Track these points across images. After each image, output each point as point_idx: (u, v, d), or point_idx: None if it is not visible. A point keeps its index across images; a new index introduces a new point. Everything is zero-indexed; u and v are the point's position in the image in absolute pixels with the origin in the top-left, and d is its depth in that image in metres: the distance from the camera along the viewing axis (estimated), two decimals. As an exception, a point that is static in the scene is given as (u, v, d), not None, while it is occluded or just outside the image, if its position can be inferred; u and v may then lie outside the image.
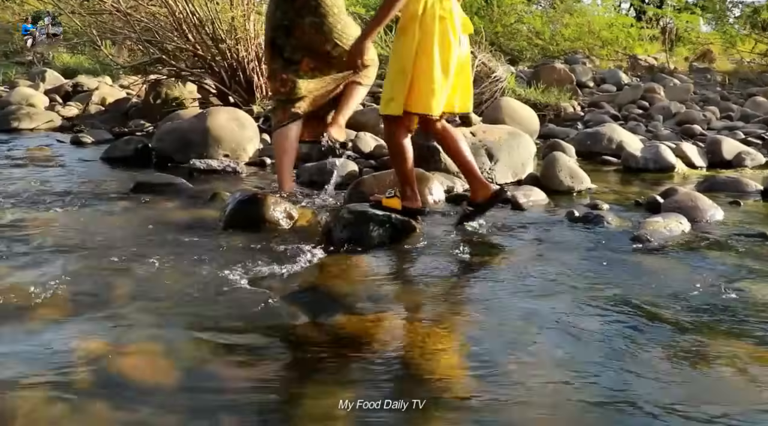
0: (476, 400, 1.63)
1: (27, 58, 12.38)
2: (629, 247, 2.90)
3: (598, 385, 1.70)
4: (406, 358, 1.88)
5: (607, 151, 5.24)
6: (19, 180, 4.17)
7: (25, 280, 2.35)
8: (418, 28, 2.80)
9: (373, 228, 2.85)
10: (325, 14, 3.49)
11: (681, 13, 12.15)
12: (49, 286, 2.29)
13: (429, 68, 2.80)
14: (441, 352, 1.93)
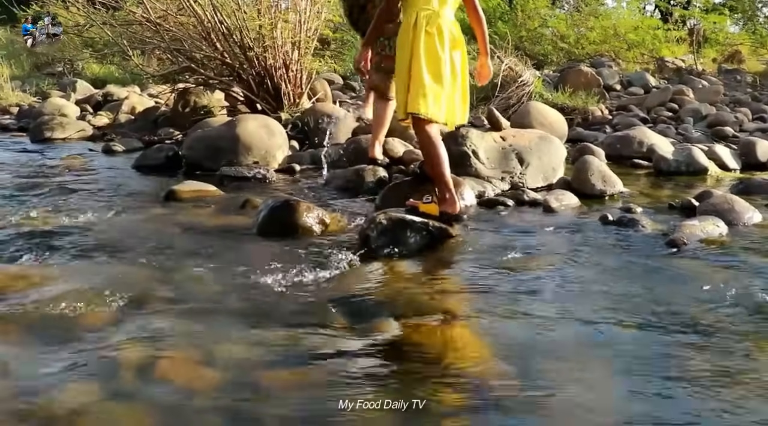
0: (515, 404, 1.62)
1: (57, 70, 12.59)
2: (665, 250, 2.88)
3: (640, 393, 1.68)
4: (445, 364, 1.88)
5: (638, 154, 5.19)
6: (56, 189, 4.23)
7: (67, 287, 2.39)
8: (410, 40, 2.97)
9: (410, 234, 2.85)
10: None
11: (709, 14, 12.01)
12: (91, 292, 2.32)
13: (419, 75, 2.94)
14: (480, 359, 1.93)
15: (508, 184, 4.02)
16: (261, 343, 1.98)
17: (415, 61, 2.95)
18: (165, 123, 7.01)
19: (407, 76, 2.98)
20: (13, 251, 2.85)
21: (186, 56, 6.57)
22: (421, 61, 2.94)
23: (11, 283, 2.40)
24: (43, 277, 2.51)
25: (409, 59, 2.97)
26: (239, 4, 6.11)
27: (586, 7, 13.38)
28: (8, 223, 3.35)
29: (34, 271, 2.56)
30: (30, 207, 3.63)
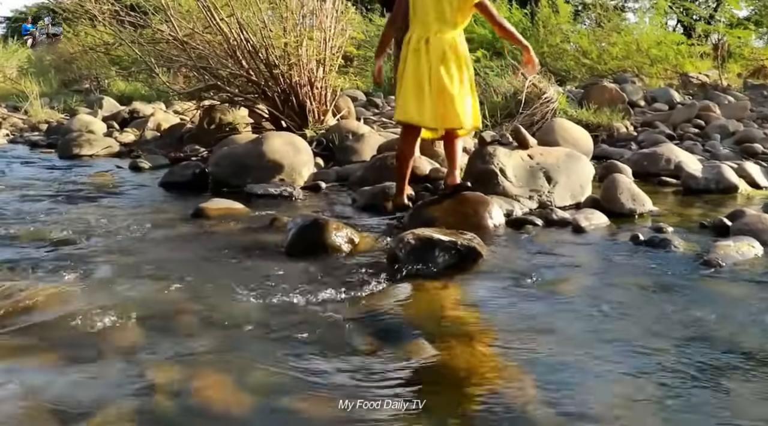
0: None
1: (84, 86, 12.77)
2: (700, 272, 2.83)
3: (679, 418, 1.65)
4: (480, 387, 1.86)
5: (665, 171, 5.13)
6: (86, 206, 4.27)
7: (99, 306, 2.40)
8: (403, 56, 3.51)
9: (439, 254, 2.84)
10: None
11: (734, 28, 11.90)
12: (123, 311, 2.33)
13: (401, 87, 3.50)
14: (514, 382, 1.90)
15: (536, 202, 4.00)
16: (294, 365, 1.97)
17: (401, 75, 3.51)
18: (190, 140, 7.08)
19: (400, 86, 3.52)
20: (45, 269, 2.88)
21: (212, 74, 6.63)
22: (405, 74, 3.46)
23: (44, 301, 2.42)
24: (75, 295, 2.53)
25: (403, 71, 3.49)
26: (265, 22, 6.17)
27: (608, 23, 13.33)
28: (39, 240, 3.39)
29: (66, 288, 2.57)
30: (60, 225, 3.67)
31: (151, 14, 6.75)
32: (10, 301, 2.36)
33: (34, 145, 7.89)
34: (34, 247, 3.27)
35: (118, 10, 6.42)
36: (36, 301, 2.40)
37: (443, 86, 3.38)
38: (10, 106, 11.24)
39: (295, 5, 6.33)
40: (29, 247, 3.26)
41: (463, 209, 3.50)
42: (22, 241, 3.38)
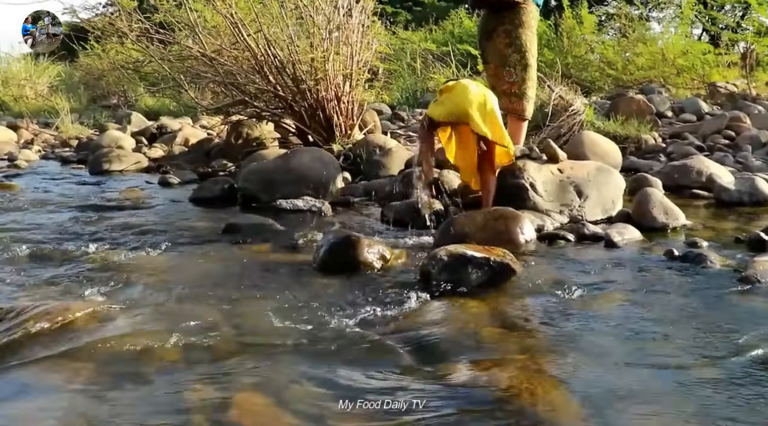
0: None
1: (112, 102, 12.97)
2: (737, 288, 2.79)
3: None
4: (518, 408, 1.84)
5: (697, 184, 5.08)
6: (117, 223, 4.32)
7: (133, 324, 2.43)
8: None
9: (472, 270, 2.82)
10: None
11: (762, 37, 11.74)
12: (157, 329, 2.35)
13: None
14: (553, 402, 1.88)
15: (567, 217, 3.97)
16: (331, 385, 1.97)
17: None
18: (218, 154, 7.15)
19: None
20: (79, 287, 2.91)
21: (239, 89, 6.70)
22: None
23: (80, 321, 2.44)
24: (108, 313, 2.55)
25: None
26: (292, 38, 6.22)
27: (633, 33, 13.25)
28: (72, 258, 3.43)
29: (101, 307, 2.60)
30: (92, 242, 3.71)
31: (179, 31, 6.84)
32: (47, 320, 2.39)
33: (65, 161, 8.02)
34: (68, 265, 3.31)
35: (147, 28, 6.52)
36: (72, 320, 2.42)
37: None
38: (42, 122, 11.44)
39: (322, 21, 6.39)
40: (63, 265, 3.31)
41: (494, 224, 3.48)
42: (55, 259, 3.42)
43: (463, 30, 15.32)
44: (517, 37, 4.28)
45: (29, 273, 3.15)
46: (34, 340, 2.26)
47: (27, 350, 2.20)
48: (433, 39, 14.27)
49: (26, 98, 13.98)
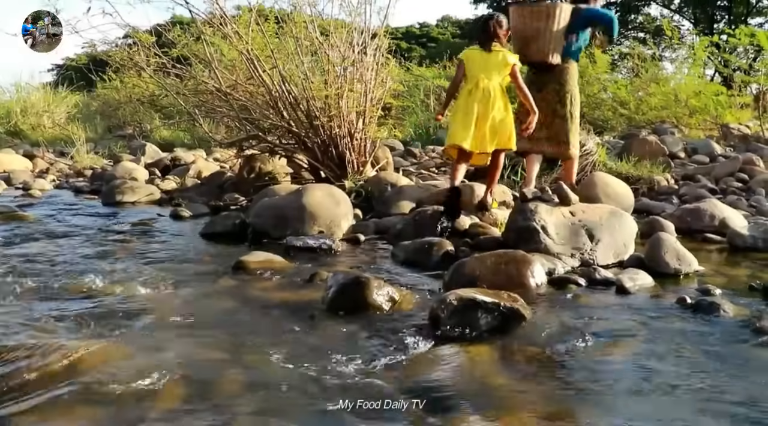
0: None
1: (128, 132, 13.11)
2: (752, 339, 2.75)
3: None
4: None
5: (710, 228, 5.04)
6: (127, 256, 4.33)
7: (139, 365, 2.42)
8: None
9: (482, 315, 2.80)
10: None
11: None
12: (164, 371, 2.34)
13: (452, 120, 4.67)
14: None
15: (578, 260, 3.94)
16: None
17: (453, 112, 4.68)
18: (230, 188, 7.18)
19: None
20: (85, 323, 2.91)
21: (253, 124, 6.76)
22: (456, 110, 4.63)
23: (85, 359, 2.43)
24: (115, 353, 2.54)
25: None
26: (307, 75, 6.29)
27: (646, 73, 13.30)
28: (80, 292, 3.44)
29: (106, 346, 2.59)
30: (100, 276, 3.72)
31: (195, 65, 6.94)
32: (51, 358, 2.38)
33: (78, 191, 8.07)
34: (75, 300, 3.32)
35: (165, 62, 6.61)
36: (77, 358, 2.41)
37: (488, 117, 4.46)
38: (58, 151, 11.57)
39: (337, 58, 6.46)
40: (70, 300, 3.32)
41: (505, 268, 3.47)
42: (62, 293, 3.43)
43: (476, 67, 15.43)
44: (564, 93, 5.15)
45: (37, 308, 3.15)
46: (37, 381, 2.25)
47: (30, 391, 2.19)
48: (447, 76, 14.37)
49: (44, 127, 14.17)
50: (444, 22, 45.97)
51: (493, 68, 4.46)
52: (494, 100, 4.43)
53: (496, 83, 4.48)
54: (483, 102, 4.42)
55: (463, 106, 4.47)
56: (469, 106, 4.42)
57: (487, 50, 4.52)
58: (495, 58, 4.49)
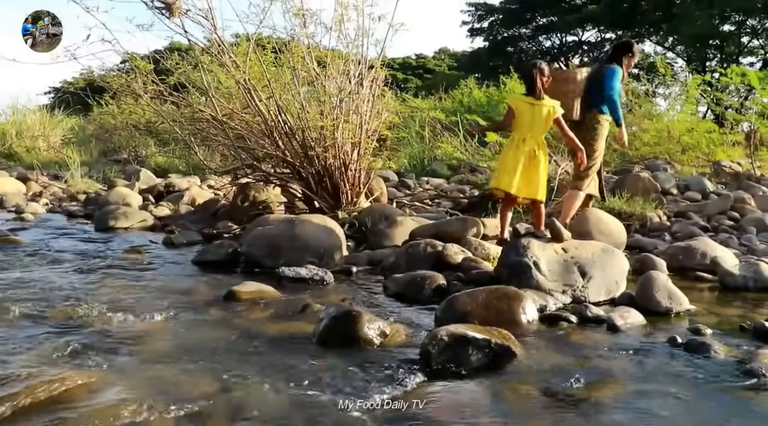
0: None
1: (123, 156, 13.13)
2: (742, 381, 2.74)
3: None
4: None
5: (701, 266, 5.05)
6: (117, 284, 4.32)
7: (126, 395, 2.40)
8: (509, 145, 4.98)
9: (472, 352, 2.79)
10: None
11: (766, 118, 11.90)
12: (150, 402, 2.32)
13: (504, 163, 4.92)
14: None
15: (570, 297, 3.95)
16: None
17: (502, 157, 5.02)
18: (224, 216, 7.18)
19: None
20: (72, 353, 2.89)
21: (248, 153, 6.78)
22: (506, 157, 4.92)
23: (70, 391, 2.41)
24: (102, 384, 2.53)
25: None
26: (303, 105, 6.33)
27: (639, 109, 13.43)
28: (68, 320, 3.42)
29: (93, 377, 2.57)
30: (89, 304, 3.70)
31: (192, 93, 6.98)
32: (39, 390, 2.36)
33: (71, 216, 8.06)
34: (63, 328, 3.30)
35: (162, 90, 6.65)
36: (61, 390, 2.39)
37: (533, 170, 4.80)
38: (52, 174, 11.56)
39: (333, 89, 6.51)
40: (58, 328, 3.30)
41: (497, 303, 3.47)
42: (50, 321, 3.42)
43: (472, 100, 15.57)
44: (594, 144, 5.68)
45: (25, 336, 3.13)
46: (18, 414, 2.23)
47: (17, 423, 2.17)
48: (443, 108, 14.49)
49: (38, 150, 14.19)
50: (441, 53, 46.48)
51: (539, 124, 4.82)
52: (537, 159, 4.81)
53: (540, 139, 4.86)
54: (528, 156, 4.79)
55: (512, 156, 4.79)
56: (517, 157, 4.76)
57: (536, 98, 4.81)
58: (541, 114, 4.80)
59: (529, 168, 4.79)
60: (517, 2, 35.57)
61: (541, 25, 36.25)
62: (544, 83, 4.82)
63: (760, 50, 27.53)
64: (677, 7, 27.80)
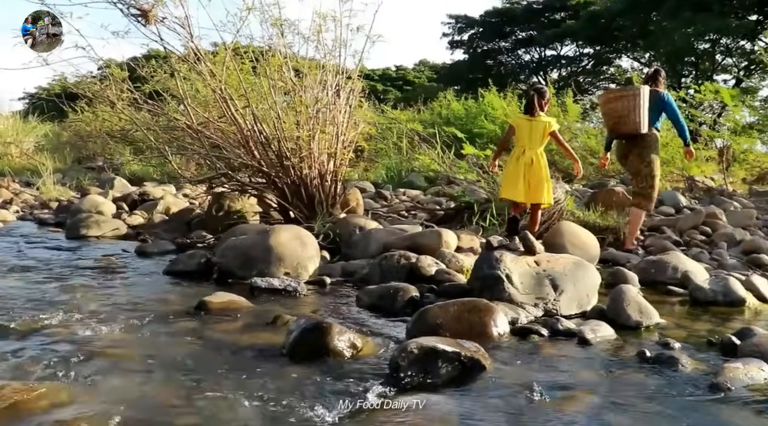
0: None
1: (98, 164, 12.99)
2: (708, 395, 2.76)
3: None
4: None
5: (672, 280, 5.09)
6: (88, 294, 4.26)
7: (90, 408, 2.36)
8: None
9: (442, 365, 2.79)
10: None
11: (738, 135, 12.11)
12: (115, 416, 2.28)
13: (507, 176, 5.23)
14: None
15: (542, 310, 3.96)
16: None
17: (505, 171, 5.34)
18: (198, 225, 7.13)
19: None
20: (37, 364, 2.84)
21: (224, 162, 6.74)
22: (508, 170, 5.24)
23: (33, 402, 2.37)
24: (67, 395, 2.48)
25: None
26: (279, 115, 6.31)
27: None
28: (35, 331, 3.37)
29: (58, 388, 2.53)
30: (58, 313, 3.65)
31: (168, 100, 6.93)
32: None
33: (42, 223, 7.96)
34: (29, 339, 3.24)
35: (137, 98, 6.59)
36: (19, 401, 2.35)
37: (533, 177, 5.11)
38: (24, 181, 11.41)
39: (310, 99, 6.50)
40: (23, 339, 3.24)
41: (468, 316, 3.46)
42: (16, 332, 3.36)
43: (450, 112, 15.63)
44: (647, 156, 6.19)
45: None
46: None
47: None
48: (421, 119, 14.53)
49: (11, 156, 13.99)
50: (421, 65, 46.72)
51: (536, 137, 5.21)
52: (536, 165, 5.18)
53: (538, 149, 5.22)
54: (527, 165, 5.15)
55: (513, 169, 5.20)
56: (518, 168, 5.18)
57: (532, 116, 5.24)
58: (538, 128, 5.21)
59: (530, 174, 5.18)
60: (497, 16, 35.92)
61: (520, 38, 36.60)
62: (542, 104, 5.29)
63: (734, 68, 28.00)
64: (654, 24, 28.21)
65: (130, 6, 5.72)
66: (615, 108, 6.16)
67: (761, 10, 25.75)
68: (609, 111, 6.27)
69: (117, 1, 5.78)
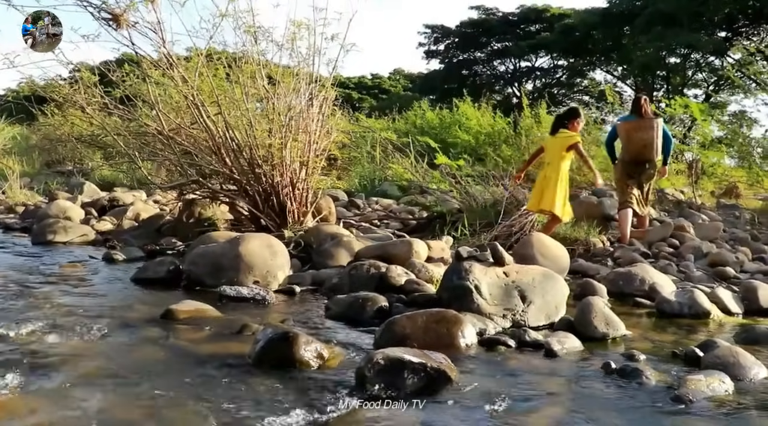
0: None
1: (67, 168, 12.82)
2: (671, 407, 2.79)
3: None
4: None
5: (640, 292, 5.15)
6: (51, 301, 4.19)
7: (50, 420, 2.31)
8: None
9: (408, 376, 2.78)
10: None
11: (707, 149, 12.31)
12: None
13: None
14: None
15: (510, 321, 3.97)
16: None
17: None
18: (168, 232, 7.06)
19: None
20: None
21: (196, 169, 6.69)
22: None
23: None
24: (24, 406, 2.44)
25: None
26: (251, 122, 6.28)
27: (588, 135, 13.74)
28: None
29: (16, 399, 2.48)
30: (19, 321, 3.57)
31: (139, 107, 6.86)
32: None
33: (7, 228, 7.82)
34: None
35: (107, 103, 6.52)
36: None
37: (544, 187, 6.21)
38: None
39: (283, 107, 6.48)
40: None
41: (436, 326, 3.46)
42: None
43: (425, 121, 15.69)
44: (652, 175, 7.68)
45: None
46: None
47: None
48: (395, 128, 14.56)
49: (-25, 159, 13.73)
50: (396, 74, 46.88)
51: (556, 150, 6.17)
52: (548, 176, 6.07)
53: (557, 164, 6.22)
54: (542, 177, 6.09)
55: (537, 181, 6.16)
56: (537, 181, 6.11)
57: (552, 134, 6.58)
58: (556, 142, 6.21)
59: (539, 186, 6.08)
60: (472, 27, 36.22)
61: (495, 49, 36.94)
62: (565, 123, 6.58)
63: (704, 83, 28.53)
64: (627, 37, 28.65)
65: (101, 9, 5.66)
66: (644, 136, 7.35)
67: (729, 27, 26.31)
68: (638, 138, 7.42)
69: (87, 4, 5.71)
